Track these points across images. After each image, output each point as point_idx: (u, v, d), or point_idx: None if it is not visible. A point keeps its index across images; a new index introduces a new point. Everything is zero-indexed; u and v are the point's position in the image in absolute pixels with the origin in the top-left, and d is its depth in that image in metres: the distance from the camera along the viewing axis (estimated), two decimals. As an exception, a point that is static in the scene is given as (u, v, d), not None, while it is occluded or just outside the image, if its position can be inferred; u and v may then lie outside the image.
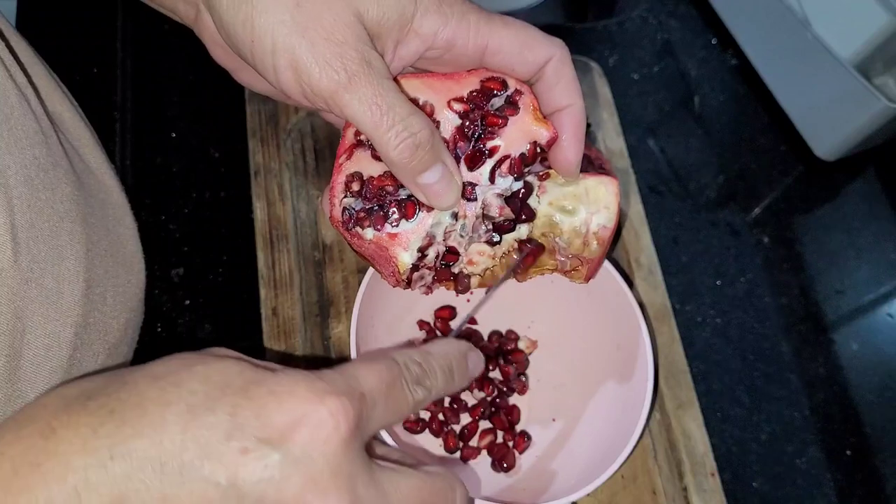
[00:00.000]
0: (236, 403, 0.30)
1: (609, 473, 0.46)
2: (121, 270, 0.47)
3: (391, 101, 0.38)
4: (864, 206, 0.73)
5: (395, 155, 0.39)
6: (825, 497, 0.60)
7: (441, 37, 0.40)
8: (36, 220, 0.38)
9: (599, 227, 0.46)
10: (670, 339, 0.61)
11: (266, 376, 0.31)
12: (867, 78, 0.69)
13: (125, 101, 0.67)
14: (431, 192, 0.41)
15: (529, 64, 0.42)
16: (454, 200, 0.42)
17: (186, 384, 0.30)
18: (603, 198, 0.45)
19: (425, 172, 0.40)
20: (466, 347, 0.40)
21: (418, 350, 0.37)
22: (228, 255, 0.62)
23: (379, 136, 0.39)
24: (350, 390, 0.32)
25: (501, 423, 0.55)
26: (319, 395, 0.31)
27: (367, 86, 0.38)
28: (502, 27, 0.41)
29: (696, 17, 0.81)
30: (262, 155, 0.64)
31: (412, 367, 0.36)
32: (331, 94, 0.38)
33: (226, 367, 0.31)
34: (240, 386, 0.31)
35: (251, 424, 0.29)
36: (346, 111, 0.38)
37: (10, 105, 0.38)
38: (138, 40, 0.70)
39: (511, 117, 0.43)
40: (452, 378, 0.38)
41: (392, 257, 0.43)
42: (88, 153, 0.48)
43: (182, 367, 0.31)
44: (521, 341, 0.59)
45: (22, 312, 0.38)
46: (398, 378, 0.35)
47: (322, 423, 0.30)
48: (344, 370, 0.33)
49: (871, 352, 0.66)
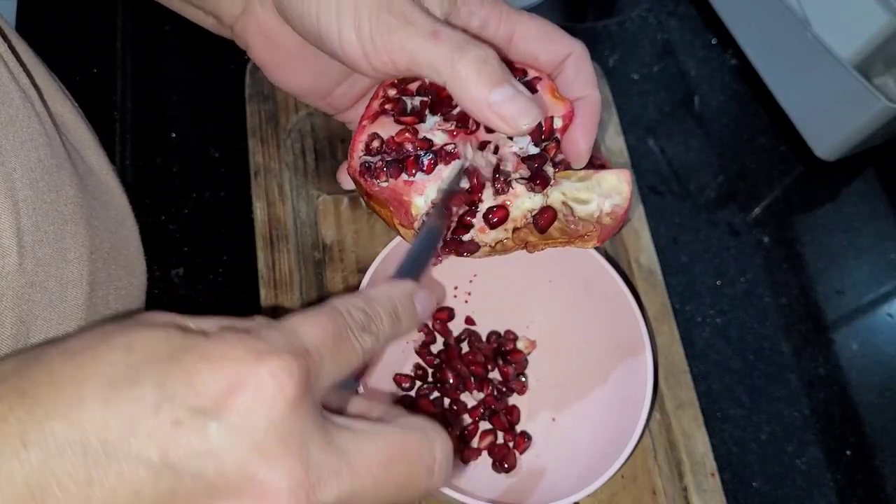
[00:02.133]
0: (163, 371, 0.27)
1: (610, 474, 0.46)
2: (123, 273, 0.47)
3: (450, 31, 0.41)
4: (864, 206, 0.73)
5: (462, 68, 0.40)
6: (825, 497, 0.60)
7: (477, 16, 0.44)
8: (41, 222, 0.38)
9: (613, 206, 0.47)
10: (670, 339, 0.61)
11: (197, 341, 0.28)
12: (867, 78, 0.69)
13: (125, 101, 0.67)
14: (506, 112, 0.41)
15: (552, 54, 0.45)
16: (532, 121, 0.42)
17: (105, 356, 0.27)
18: (615, 186, 0.47)
19: (497, 89, 0.40)
20: (412, 287, 0.37)
21: (359, 295, 0.34)
22: (228, 255, 0.62)
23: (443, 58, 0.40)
24: (292, 347, 0.29)
25: (501, 424, 0.55)
26: (258, 356, 0.28)
27: (421, 22, 0.40)
28: (529, 19, 0.45)
29: (696, 17, 0.81)
30: (262, 155, 0.64)
31: (356, 314, 0.32)
32: (390, 39, 0.40)
33: (150, 334, 0.28)
34: (167, 353, 0.27)
35: (182, 393, 0.26)
36: (407, 47, 0.40)
37: (14, 107, 0.38)
38: (138, 40, 0.70)
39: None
40: (399, 320, 0.35)
41: (407, 201, 0.44)
42: (90, 155, 0.48)
43: (100, 339, 0.28)
44: (520, 341, 0.59)
45: (26, 316, 0.37)
46: (343, 327, 0.31)
47: (263, 385, 0.27)
48: (282, 326, 0.30)
49: (871, 352, 0.66)
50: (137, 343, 0.28)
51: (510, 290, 0.58)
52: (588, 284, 0.54)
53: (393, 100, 0.46)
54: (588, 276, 0.53)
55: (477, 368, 0.56)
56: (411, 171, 0.44)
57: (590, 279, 0.54)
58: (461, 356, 0.57)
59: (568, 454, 0.53)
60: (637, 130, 0.73)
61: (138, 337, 0.28)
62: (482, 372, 0.56)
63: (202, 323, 0.30)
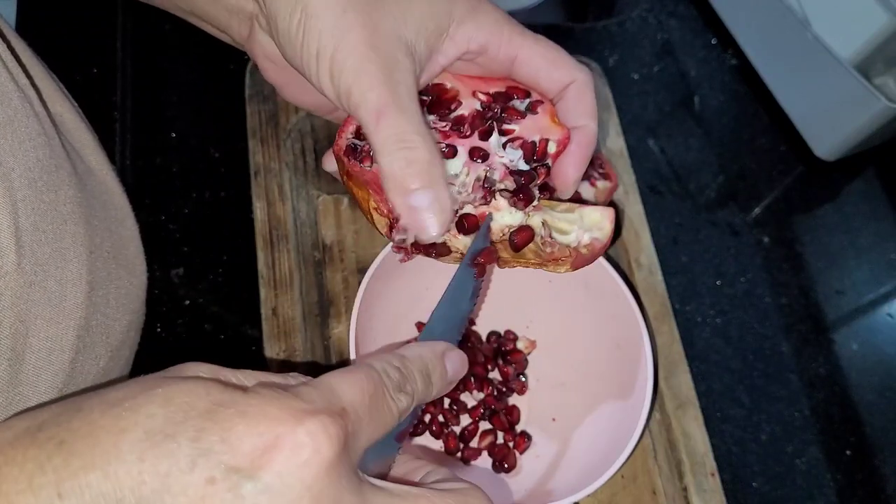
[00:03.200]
0: (201, 427, 0.27)
1: (610, 474, 0.46)
2: (123, 272, 0.47)
3: (400, 109, 0.39)
4: (864, 206, 0.73)
5: (385, 161, 0.39)
6: (825, 497, 0.60)
7: (475, 41, 0.42)
8: (39, 222, 0.38)
9: (592, 239, 0.46)
10: (670, 339, 0.61)
11: (235, 396, 0.28)
12: (867, 78, 0.69)
13: (125, 101, 0.67)
14: (414, 216, 0.40)
15: (554, 81, 0.44)
16: (437, 233, 0.40)
17: (144, 408, 0.27)
18: (597, 222, 0.46)
19: (414, 194, 0.39)
20: (443, 348, 0.37)
21: (394, 354, 0.35)
22: (228, 255, 0.62)
23: (376, 136, 0.39)
24: (330, 407, 0.29)
25: (501, 424, 0.55)
26: (295, 415, 0.27)
27: (380, 89, 0.39)
28: (534, 42, 0.43)
29: (696, 17, 0.81)
30: (262, 155, 0.64)
31: (392, 374, 0.33)
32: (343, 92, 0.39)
33: (190, 387, 0.28)
34: (205, 408, 0.27)
35: (218, 450, 0.26)
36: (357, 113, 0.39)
37: (13, 107, 0.38)
38: (138, 40, 0.70)
39: (530, 115, 0.45)
40: (431, 382, 0.35)
41: None
42: (90, 154, 0.48)
43: (141, 390, 0.28)
44: (520, 341, 0.59)
45: (25, 316, 0.37)
46: (380, 387, 0.31)
47: (299, 445, 0.27)
48: (320, 384, 0.30)
49: (871, 352, 0.66)
50: (176, 396, 0.28)
51: (510, 291, 0.58)
52: (588, 284, 0.54)
53: None
54: (588, 277, 0.53)
55: (477, 368, 0.56)
56: None
57: (590, 279, 0.54)
58: None
59: (568, 454, 0.53)
60: (637, 130, 0.73)
61: (178, 389, 0.28)
62: (482, 372, 0.56)
63: (241, 376, 0.30)
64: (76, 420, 0.27)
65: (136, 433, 0.26)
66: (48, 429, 0.27)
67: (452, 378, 0.37)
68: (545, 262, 0.47)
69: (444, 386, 0.36)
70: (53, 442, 0.26)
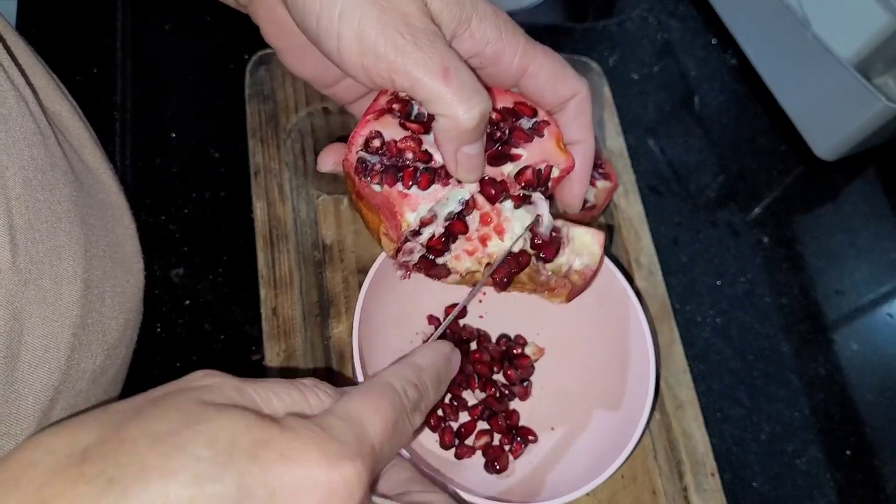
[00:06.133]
0: (244, 471, 0.28)
1: (608, 474, 0.46)
2: (119, 271, 0.47)
3: (458, 66, 0.39)
4: (864, 206, 0.73)
5: (464, 118, 0.40)
6: (825, 497, 0.60)
7: (491, 48, 0.42)
8: (34, 220, 0.38)
9: (583, 266, 0.48)
10: (670, 339, 0.61)
11: (274, 435, 0.30)
12: (867, 78, 0.69)
13: (125, 101, 0.67)
14: (468, 163, 0.42)
15: (559, 95, 0.44)
16: (478, 177, 0.44)
17: (191, 448, 0.28)
18: (588, 246, 0.48)
19: (472, 143, 0.41)
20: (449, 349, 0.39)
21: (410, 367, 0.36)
22: (228, 255, 0.62)
23: (446, 100, 0.39)
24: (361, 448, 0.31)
25: (499, 426, 0.55)
26: (331, 461, 0.29)
27: (433, 51, 0.39)
28: (543, 55, 0.43)
29: (696, 17, 0.81)
30: (262, 155, 0.64)
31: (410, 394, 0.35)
32: (395, 59, 0.38)
33: (231, 423, 0.29)
34: (247, 449, 0.29)
35: (260, 494, 0.28)
36: (413, 74, 0.39)
37: (7, 106, 0.38)
38: (138, 40, 0.70)
39: (536, 138, 0.46)
40: (440, 388, 0.38)
41: (399, 213, 0.44)
42: (87, 153, 0.48)
43: (183, 424, 0.29)
44: (529, 347, 0.58)
45: (20, 314, 0.37)
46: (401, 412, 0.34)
47: (336, 491, 0.29)
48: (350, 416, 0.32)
49: (871, 352, 0.66)
50: (220, 434, 0.29)
51: (526, 296, 0.57)
52: (601, 296, 0.54)
53: (402, 100, 0.45)
54: (601, 288, 0.53)
55: (482, 368, 0.56)
56: (407, 182, 0.44)
57: (603, 291, 0.53)
58: (468, 354, 0.57)
59: (565, 461, 0.53)
60: (637, 130, 0.73)
61: (220, 426, 0.29)
62: (487, 372, 0.56)
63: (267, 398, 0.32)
64: (123, 455, 0.28)
65: (185, 476, 0.27)
66: (94, 461, 0.27)
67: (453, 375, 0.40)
68: (540, 290, 0.49)
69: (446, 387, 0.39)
70: (103, 478, 0.27)
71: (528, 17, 0.78)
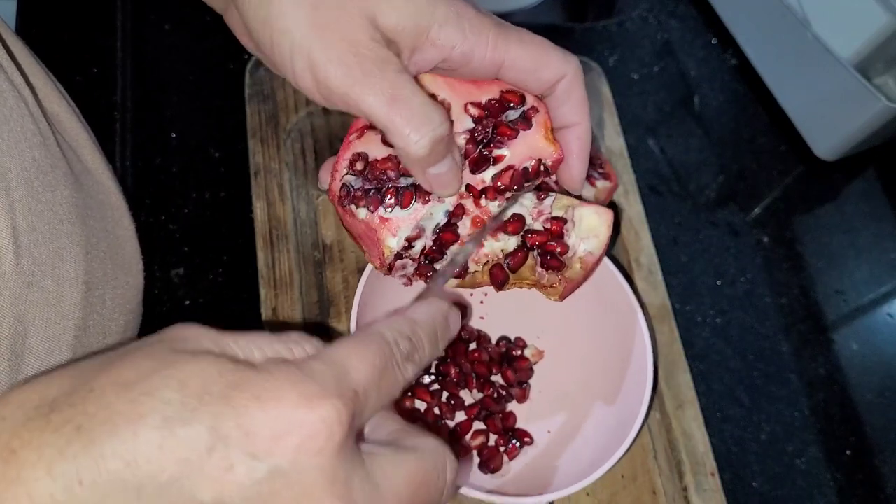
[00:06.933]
0: (217, 413, 0.27)
1: (601, 472, 0.46)
2: (120, 272, 0.47)
3: (408, 94, 0.39)
4: (864, 206, 0.73)
5: (414, 148, 0.39)
6: (825, 497, 0.60)
7: (458, 51, 0.41)
8: (37, 222, 0.38)
9: (586, 252, 0.47)
10: (670, 339, 0.61)
11: (249, 377, 0.28)
12: (867, 78, 0.69)
13: (125, 101, 0.67)
14: (438, 182, 0.42)
15: (542, 82, 0.43)
16: (456, 190, 0.43)
17: (160, 393, 0.27)
18: (595, 227, 0.46)
19: (437, 164, 0.41)
20: (447, 307, 0.38)
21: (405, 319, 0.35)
22: (228, 255, 0.62)
23: (396, 127, 0.39)
24: (341, 389, 0.29)
25: (495, 427, 0.55)
26: (309, 400, 0.28)
27: (382, 80, 0.38)
28: (518, 45, 0.41)
29: (696, 17, 0.81)
30: (262, 155, 0.64)
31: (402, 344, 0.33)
32: (346, 91, 0.38)
33: (203, 368, 0.28)
34: (220, 392, 0.27)
35: (234, 436, 0.27)
36: (362, 106, 0.39)
37: (8, 107, 0.38)
38: (138, 40, 0.70)
39: (522, 131, 0.44)
40: (437, 344, 0.36)
41: (380, 240, 0.44)
42: (86, 154, 0.48)
43: (153, 370, 0.28)
44: (528, 349, 0.58)
45: (23, 316, 0.37)
46: (390, 360, 0.32)
47: (314, 431, 0.28)
48: (332, 360, 0.30)
49: (871, 352, 0.66)
50: (190, 378, 0.28)
51: (527, 298, 0.57)
52: (603, 301, 0.54)
53: None
54: (604, 292, 0.53)
55: (481, 368, 0.56)
56: (390, 202, 0.43)
57: (605, 295, 0.53)
58: (467, 354, 0.57)
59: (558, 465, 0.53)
60: (637, 130, 0.73)
61: (191, 371, 0.28)
62: (485, 372, 0.56)
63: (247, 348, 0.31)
64: (91, 402, 0.27)
65: (154, 420, 0.26)
66: (62, 410, 0.27)
67: (451, 335, 0.38)
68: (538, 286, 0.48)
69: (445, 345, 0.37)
70: (70, 426, 0.26)
71: (528, 17, 0.78)
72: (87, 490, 0.25)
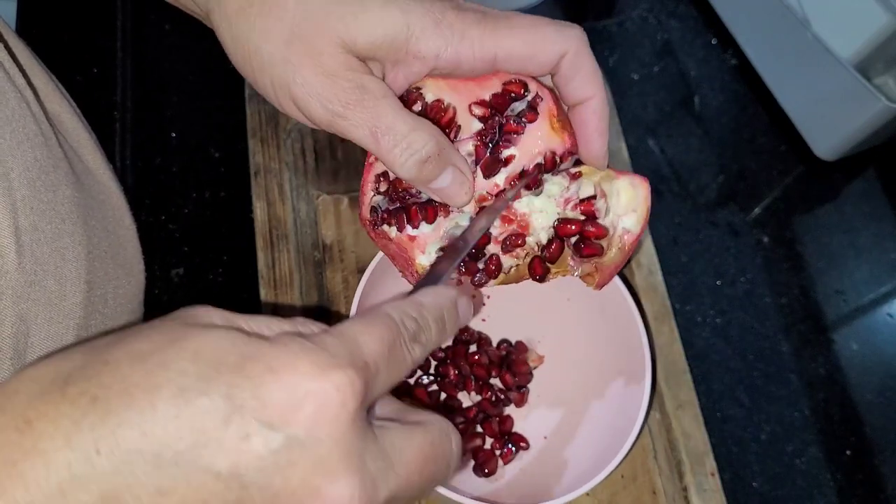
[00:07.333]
0: (232, 383, 0.27)
1: (600, 478, 0.46)
2: (121, 272, 0.47)
3: (389, 122, 0.39)
4: (864, 206, 0.73)
5: (402, 172, 0.40)
6: (825, 497, 0.60)
7: (444, 58, 0.40)
8: (38, 222, 0.38)
9: (624, 231, 0.45)
10: (670, 339, 0.61)
11: (262, 349, 0.28)
12: (867, 78, 0.69)
13: (125, 101, 0.67)
14: (444, 194, 0.42)
15: (542, 65, 0.41)
16: (467, 198, 0.43)
17: (175, 364, 0.27)
18: (631, 201, 0.45)
19: (436, 180, 0.41)
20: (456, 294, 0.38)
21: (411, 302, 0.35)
22: (228, 255, 0.62)
23: (383, 157, 0.40)
24: (353, 360, 0.29)
25: (492, 431, 0.55)
26: (322, 370, 0.28)
27: (362, 112, 0.38)
28: (507, 34, 0.40)
29: (696, 17, 0.81)
30: (262, 155, 0.64)
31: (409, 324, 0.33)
32: (329, 124, 0.39)
33: (217, 340, 0.28)
34: (234, 362, 0.28)
35: (250, 406, 0.27)
36: (348, 136, 0.39)
37: (10, 107, 0.38)
38: (138, 40, 0.70)
39: (529, 124, 0.43)
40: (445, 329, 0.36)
41: (411, 258, 0.44)
42: (87, 154, 0.48)
43: (168, 342, 0.28)
44: (529, 354, 0.58)
45: (26, 315, 0.37)
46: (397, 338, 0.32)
47: (328, 400, 0.28)
48: (343, 334, 0.30)
49: (871, 352, 0.66)
50: (205, 349, 0.28)
51: (529, 302, 0.57)
52: (604, 309, 0.54)
53: None
54: (605, 300, 0.53)
55: (480, 371, 0.56)
56: (415, 220, 0.44)
57: (606, 303, 0.53)
58: (467, 356, 0.57)
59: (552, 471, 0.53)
60: (637, 130, 0.73)
61: (205, 343, 0.28)
62: (484, 375, 0.56)
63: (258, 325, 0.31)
64: (106, 375, 0.27)
65: (170, 389, 0.27)
66: (77, 382, 0.27)
67: (462, 323, 0.38)
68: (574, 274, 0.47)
69: (454, 331, 0.37)
70: (86, 398, 0.26)
71: (528, 17, 0.78)
72: (104, 459, 0.26)
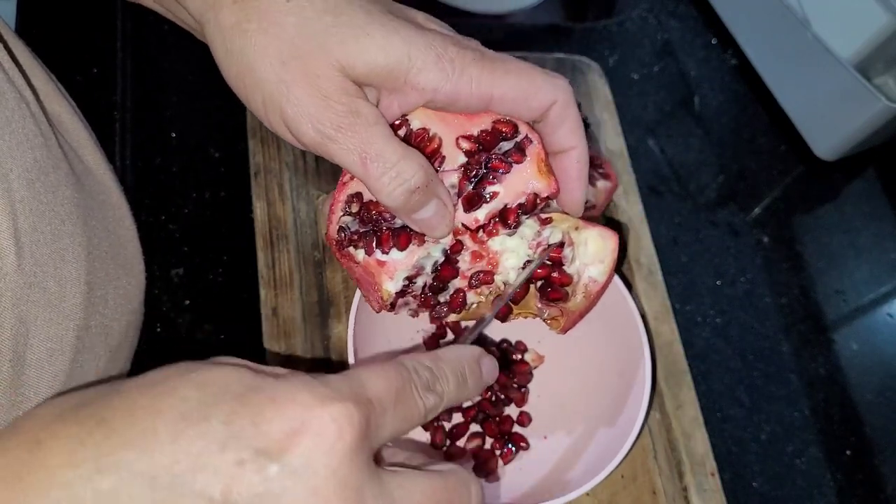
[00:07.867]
0: (232, 411, 0.28)
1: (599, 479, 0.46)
2: (121, 272, 0.47)
3: (379, 149, 0.38)
4: (864, 206, 0.73)
5: (388, 201, 0.40)
6: (825, 497, 0.60)
7: (443, 92, 0.40)
8: (38, 223, 0.38)
9: (590, 280, 0.46)
10: (670, 339, 0.61)
11: (266, 382, 0.29)
12: (867, 78, 0.69)
13: (125, 101, 0.67)
14: (425, 225, 0.42)
15: (533, 111, 0.42)
16: (447, 231, 0.42)
17: (179, 391, 0.28)
18: (599, 251, 0.46)
19: (419, 210, 0.41)
20: (479, 352, 0.38)
21: (428, 355, 0.36)
22: (228, 255, 0.62)
23: (370, 183, 0.39)
24: (356, 395, 0.30)
25: (492, 431, 0.55)
26: (321, 401, 0.29)
27: (352, 136, 0.38)
28: (504, 76, 0.40)
29: (696, 17, 0.81)
30: (262, 155, 0.64)
31: (422, 373, 0.34)
32: (318, 146, 0.38)
33: (224, 373, 0.30)
34: (237, 392, 0.29)
35: (247, 433, 0.28)
36: (337, 160, 0.39)
37: (9, 108, 0.38)
38: (138, 40, 0.70)
39: (516, 164, 0.43)
40: (466, 384, 0.36)
41: (377, 283, 0.43)
42: (87, 154, 0.48)
43: (177, 374, 0.29)
44: (529, 353, 0.58)
45: (25, 316, 0.37)
46: (408, 383, 0.33)
47: (324, 430, 0.28)
48: (349, 375, 0.31)
49: (871, 352, 0.66)
50: (210, 380, 0.29)
51: None
52: (604, 309, 0.54)
53: None
54: (606, 302, 0.53)
55: None
56: (385, 246, 0.43)
57: (607, 305, 0.53)
58: None
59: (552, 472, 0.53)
60: (637, 130, 0.73)
61: (211, 374, 0.29)
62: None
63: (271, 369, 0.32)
64: (116, 399, 0.29)
65: (172, 414, 0.28)
66: (89, 406, 0.28)
67: (486, 381, 0.38)
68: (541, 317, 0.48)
69: (478, 389, 0.38)
70: (94, 419, 0.28)
71: (528, 18, 0.78)
72: (104, 478, 0.26)
